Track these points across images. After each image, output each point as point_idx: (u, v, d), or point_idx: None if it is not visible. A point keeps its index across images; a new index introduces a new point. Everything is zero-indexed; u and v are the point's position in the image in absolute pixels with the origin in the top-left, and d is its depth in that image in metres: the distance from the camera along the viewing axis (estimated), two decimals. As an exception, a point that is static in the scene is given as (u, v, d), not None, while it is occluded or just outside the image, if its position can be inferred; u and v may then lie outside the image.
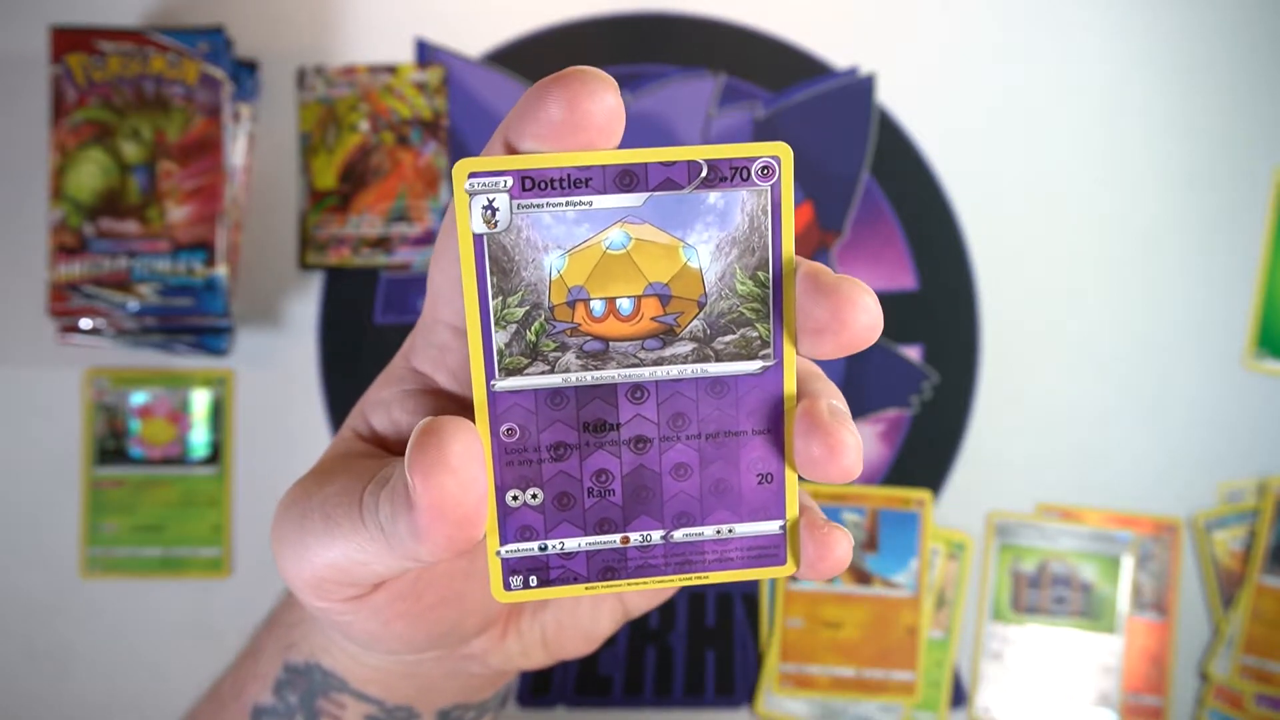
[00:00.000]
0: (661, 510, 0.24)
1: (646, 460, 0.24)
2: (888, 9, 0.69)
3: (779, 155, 0.22)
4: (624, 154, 0.21)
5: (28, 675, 0.65)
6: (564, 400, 0.23)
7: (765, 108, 0.69)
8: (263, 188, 0.67)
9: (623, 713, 0.67)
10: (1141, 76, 0.70)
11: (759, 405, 0.24)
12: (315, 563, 0.25)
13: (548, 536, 0.24)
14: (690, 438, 0.24)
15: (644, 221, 0.22)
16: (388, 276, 0.67)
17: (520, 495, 0.24)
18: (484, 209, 0.21)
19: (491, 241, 0.22)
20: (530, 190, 0.21)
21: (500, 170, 0.21)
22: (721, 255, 0.23)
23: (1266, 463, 0.68)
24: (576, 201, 0.21)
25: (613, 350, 0.23)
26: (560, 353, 0.23)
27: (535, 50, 0.68)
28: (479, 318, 0.22)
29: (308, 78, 0.67)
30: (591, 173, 0.21)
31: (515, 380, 0.23)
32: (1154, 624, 0.68)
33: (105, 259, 0.60)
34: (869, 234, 0.69)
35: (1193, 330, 0.69)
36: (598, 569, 0.24)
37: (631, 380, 0.23)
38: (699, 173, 0.22)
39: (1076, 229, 0.69)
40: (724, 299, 0.23)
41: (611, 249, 0.22)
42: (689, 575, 0.25)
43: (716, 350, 0.23)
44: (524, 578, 0.24)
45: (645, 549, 0.24)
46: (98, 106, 0.60)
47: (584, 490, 0.24)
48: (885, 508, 0.67)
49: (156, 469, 0.66)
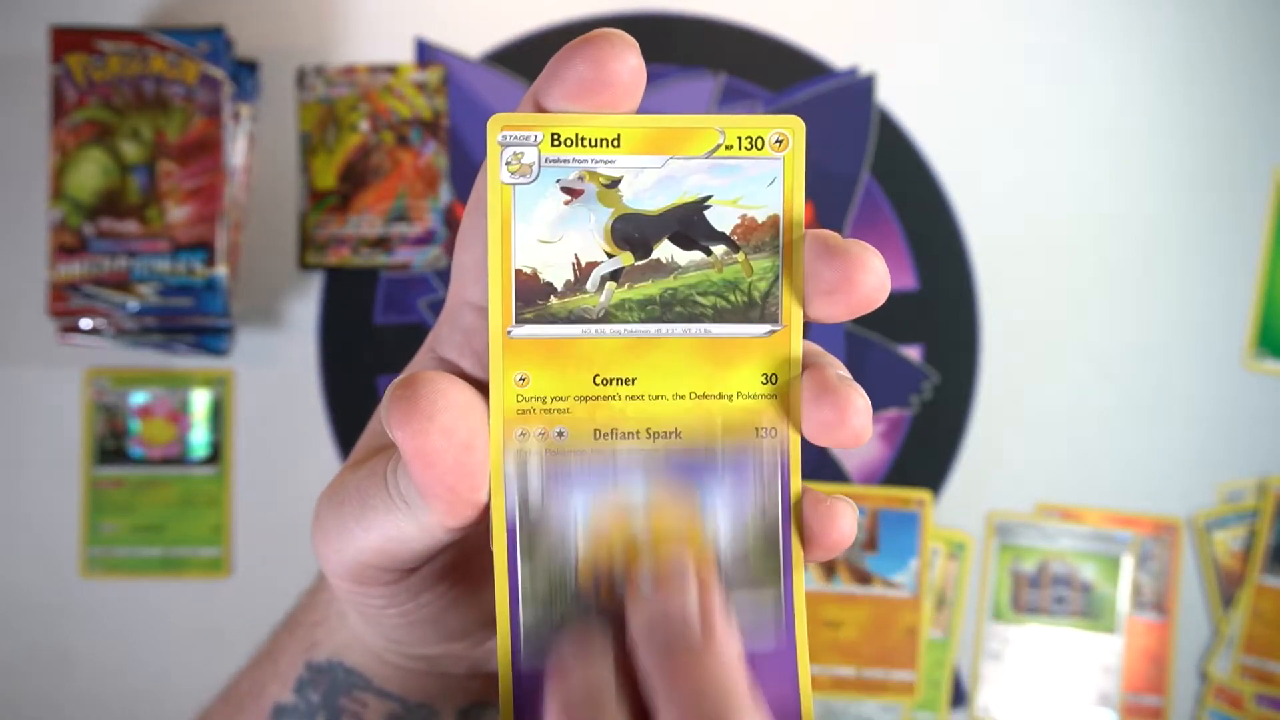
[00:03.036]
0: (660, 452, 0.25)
1: (653, 419, 0.25)
2: (888, 9, 0.69)
3: (793, 128, 0.23)
4: (648, 118, 0.23)
5: (28, 675, 0.65)
6: (576, 351, 0.24)
7: (765, 107, 0.69)
8: (263, 188, 0.67)
9: (623, 713, 0.67)
10: (1142, 77, 0.70)
11: (762, 367, 0.25)
12: (357, 546, 0.26)
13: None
14: (696, 397, 0.25)
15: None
16: (388, 276, 0.67)
17: (528, 438, 0.24)
18: (512, 159, 0.23)
19: (521, 194, 0.23)
20: (558, 145, 0.23)
21: (531, 127, 0.23)
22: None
23: (1266, 463, 0.68)
24: (601, 159, 0.23)
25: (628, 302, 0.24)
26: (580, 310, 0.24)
27: (535, 50, 0.68)
28: (500, 266, 0.23)
29: (308, 78, 0.67)
30: (618, 133, 0.23)
31: (532, 328, 0.24)
32: (1154, 624, 0.68)
33: (105, 259, 0.60)
34: (869, 234, 0.68)
35: (1193, 330, 0.69)
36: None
37: (644, 334, 0.24)
38: (717, 140, 0.23)
39: (1076, 229, 0.69)
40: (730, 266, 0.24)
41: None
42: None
43: (723, 310, 0.24)
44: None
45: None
46: (98, 106, 0.60)
47: (591, 444, 0.24)
48: (885, 508, 0.67)
49: (156, 469, 0.66)
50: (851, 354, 0.68)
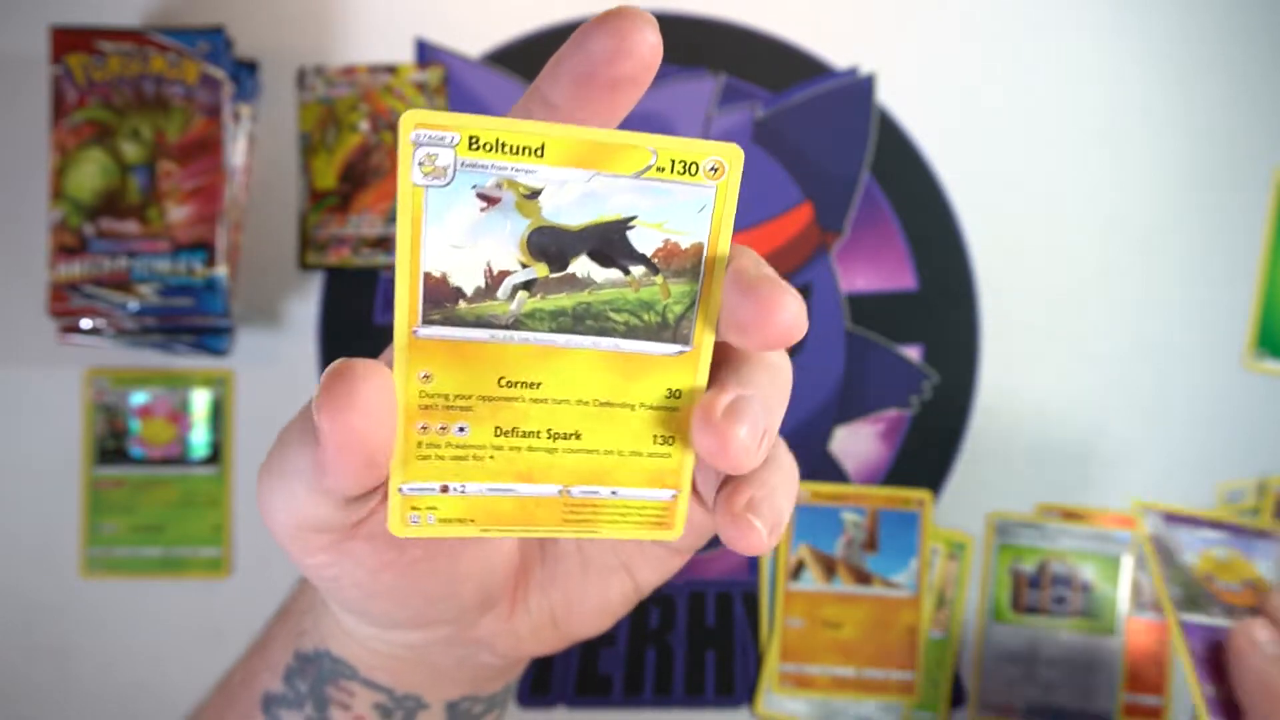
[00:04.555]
0: (562, 469, 0.26)
1: (555, 421, 0.25)
2: (888, 9, 0.69)
3: (730, 156, 0.22)
4: (577, 130, 0.22)
5: (28, 675, 0.65)
6: (483, 354, 0.24)
7: (765, 108, 0.69)
8: (263, 188, 0.67)
9: (623, 713, 0.67)
10: (1141, 76, 0.70)
11: (668, 382, 0.25)
12: (281, 511, 0.26)
13: (451, 479, 0.25)
14: (600, 404, 0.25)
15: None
16: (388, 276, 0.67)
17: (429, 431, 0.24)
18: (425, 160, 0.21)
19: (433, 197, 0.22)
20: (476, 149, 0.21)
21: (448, 127, 0.21)
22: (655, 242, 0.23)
23: (1266, 463, 0.68)
24: (522, 168, 0.22)
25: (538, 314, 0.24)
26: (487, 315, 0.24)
27: (535, 50, 0.68)
28: (408, 268, 0.23)
29: (308, 78, 0.67)
30: (542, 142, 0.21)
31: (438, 329, 0.23)
32: (1154, 624, 0.68)
33: (105, 259, 0.60)
34: (869, 234, 0.68)
35: (1193, 330, 0.69)
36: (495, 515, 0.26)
37: (552, 343, 0.24)
38: (648, 161, 0.22)
39: (1076, 229, 0.69)
40: (650, 285, 0.24)
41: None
42: (581, 530, 0.26)
43: (635, 327, 0.24)
44: (423, 513, 0.26)
45: (542, 501, 0.26)
46: (98, 106, 0.60)
47: (492, 440, 0.25)
48: (885, 508, 0.67)
49: (156, 469, 0.66)
50: (851, 354, 0.68)
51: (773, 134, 0.68)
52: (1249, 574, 0.64)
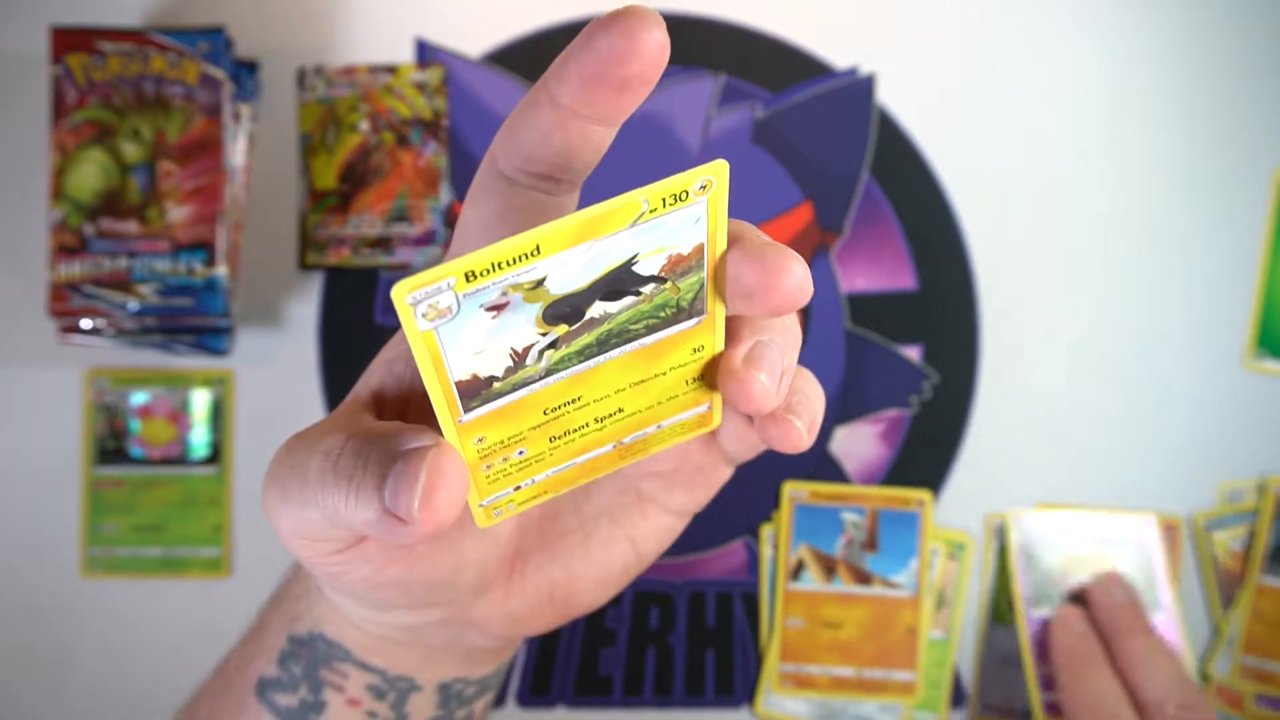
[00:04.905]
0: (613, 432, 0.28)
1: (599, 411, 0.26)
2: (888, 9, 0.69)
3: (716, 171, 0.22)
4: (566, 220, 0.21)
5: (28, 675, 0.65)
6: (525, 403, 0.25)
7: (765, 108, 0.69)
8: (263, 188, 0.67)
9: (623, 713, 0.67)
10: (1141, 76, 0.70)
11: (691, 344, 0.26)
12: (294, 530, 0.26)
13: (521, 481, 0.27)
14: (634, 384, 0.26)
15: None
16: (388, 276, 0.67)
17: (493, 468, 0.26)
18: (428, 310, 0.21)
19: (445, 333, 0.22)
20: (473, 279, 0.21)
21: (440, 278, 0.21)
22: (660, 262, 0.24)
23: (1266, 463, 0.68)
24: (522, 271, 0.22)
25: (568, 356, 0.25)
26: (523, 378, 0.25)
27: (535, 50, 0.68)
28: (439, 387, 0.23)
29: (308, 78, 0.67)
30: (536, 244, 0.21)
31: (480, 410, 0.24)
32: (1154, 624, 0.68)
33: (105, 259, 0.60)
34: (869, 234, 0.68)
35: (1193, 330, 0.69)
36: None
37: (584, 369, 0.25)
38: (640, 210, 0.22)
39: (1076, 229, 0.69)
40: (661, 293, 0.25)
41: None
42: (636, 458, 0.29)
43: (654, 325, 0.25)
44: (504, 508, 0.28)
45: (600, 457, 0.28)
46: (98, 106, 0.60)
47: (548, 446, 0.26)
48: (885, 508, 0.67)
49: (156, 469, 0.66)
50: (851, 354, 0.68)
51: (773, 134, 0.68)
52: (1104, 567, 0.65)
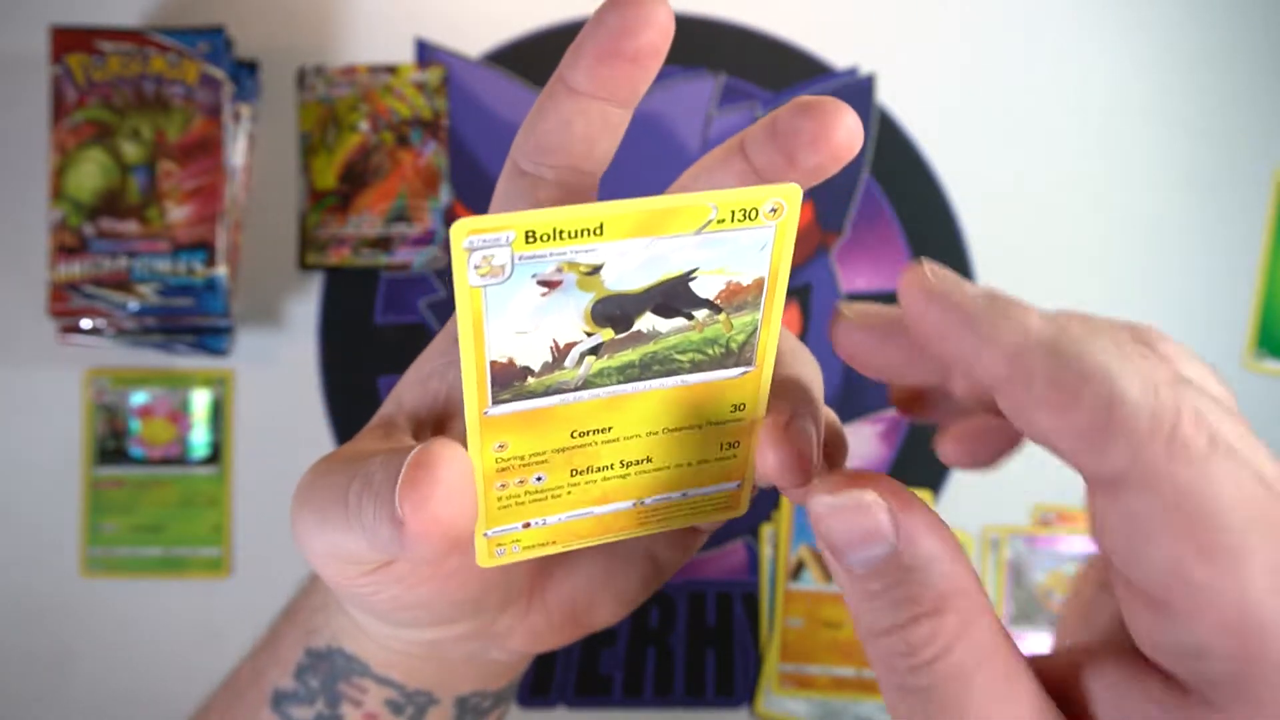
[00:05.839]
0: (636, 486, 0.26)
1: (627, 453, 0.25)
2: (888, 9, 0.69)
3: (789, 195, 0.22)
4: (634, 203, 0.21)
5: (28, 675, 0.65)
6: (554, 415, 0.24)
7: (765, 108, 0.69)
8: (263, 188, 0.67)
9: (623, 713, 0.67)
10: (1142, 77, 0.70)
11: (732, 399, 0.25)
12: (321, 544, 0.26)
13: (532, 518, 0.26)
14: (668, 431, 0.25)
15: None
16: (388, 276, 0.67)
17: (508, 488, 0.25)
18: (481, 263, 0.21)
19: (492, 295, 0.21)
20: (533, 242, 0.21)
21: (503, 228, 0.20)
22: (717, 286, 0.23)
23: (1266, 463, 0.68)
24: (581, 249, 0.21)
25: (605, 372, 0.24)
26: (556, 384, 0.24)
27: (535, 50, 0.68)
28: (474, 360, 0.22)
29: (308, 78, 0.67)
30: (600, 222, 0.21)
31: (509, 406, 0.23)
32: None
33: (105, 259, 0.60)
34: (869, 234, 0.68)
35: (1193, 330, 0.69)
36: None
37: (620, 393, 0.24)
38: (708, 216, 0.22)
39: (1076, 229, 0.69)
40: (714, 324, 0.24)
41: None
42: (654, 528, 0.27)
43: (700, 362, 0.24)
44: (508, 547, 0.26)
45: (618, 514, 0.26)
46: (98, 106, 0.60)
47: (568, 480, 0.25)
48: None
49: (156, 469, 0.66)
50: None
51: (773, 134, 0.68)
52: None
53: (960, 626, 0.21)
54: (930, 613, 0.21)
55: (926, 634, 0.21)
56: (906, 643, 0.21)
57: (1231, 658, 0.19)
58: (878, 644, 0.22)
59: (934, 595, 0.21)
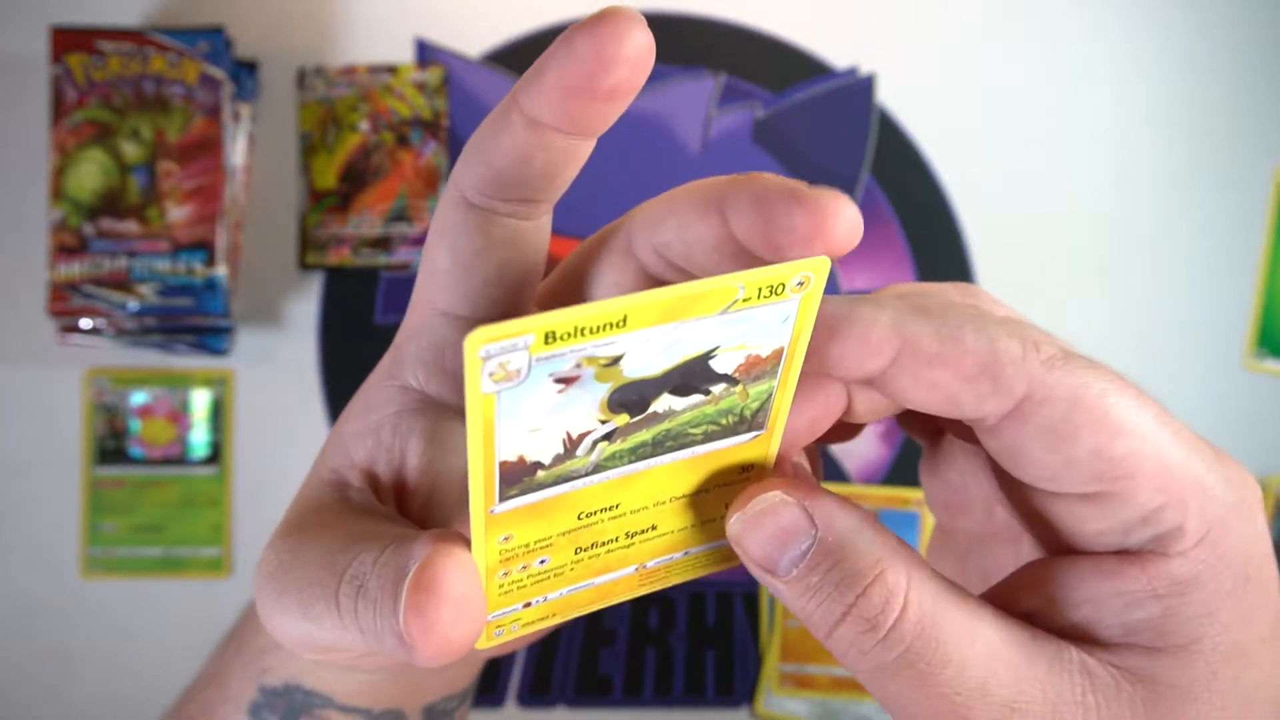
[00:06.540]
0: (639, 554, 0.25)
1: (632, 525, 0.24)
2: (888, 9, 0.69)
3: (818, 268, 0.21)
4: (659, 292, 0.20)
5: (28, 675, 0.65)
6: (562, 502, 0.23)
7: (765, 108, 0.69)
8: (263, 188, 0.67)
9: (623, 713, 0.67)
10: (1142, 77, 0.70)
11: (741, 460, 0.24)
12: (299, 634, 0.24)
13: (533, 597, 0.24)
14: (674, 499, 0.24)
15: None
16: (388, 276, 0.67)
17: (510, 575, 0.23)
18: (496, 370, 0.19)
19: (504, 399, 0.20)
20: (552, 342, 0.19)
21: (520, 333, 0.19)
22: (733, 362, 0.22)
23: (1266, 463, 0.68)
24: (602, 343, 0.20)
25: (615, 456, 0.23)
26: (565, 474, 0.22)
27: (535, 50, 0.68)
28: (482, 463, 0.21)
29: (308, 78, 0.67)
30: (624, 314, 0.20)
31: (516, 501, 0.22)
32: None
33: (105, 259, 0.60)
34: (869, 234, 0.68)
35: (1193, 330, 0.69)
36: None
37: (631, 472, 0.23)
38: (735, 297, 0.20)
39: (1076, 229, 0.69)
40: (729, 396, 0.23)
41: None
42: (654, 587, 0.26)
43: (713, 433, 0.23)
44: (507, 627, 0.25)
45: (619, 580, 0.25)
46: (98, 106, 0.60)
47: (571, 558, 0.24)
48: (885, 508, 0.67)
49: (156, 469, 0.66)
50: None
51: (773, 134, 0.68)
52: None
53: (907, 579, 0.22)
54: (875, 579, 0.22)
55: (879, 598, 0.21)
56: (865, 618, 0.21)
57: (1171, 507, 0.21)
58: (840, 635, 0.22)
59: (870, 561, 0.22)
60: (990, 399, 0.22)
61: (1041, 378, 0.21)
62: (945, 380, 0.22)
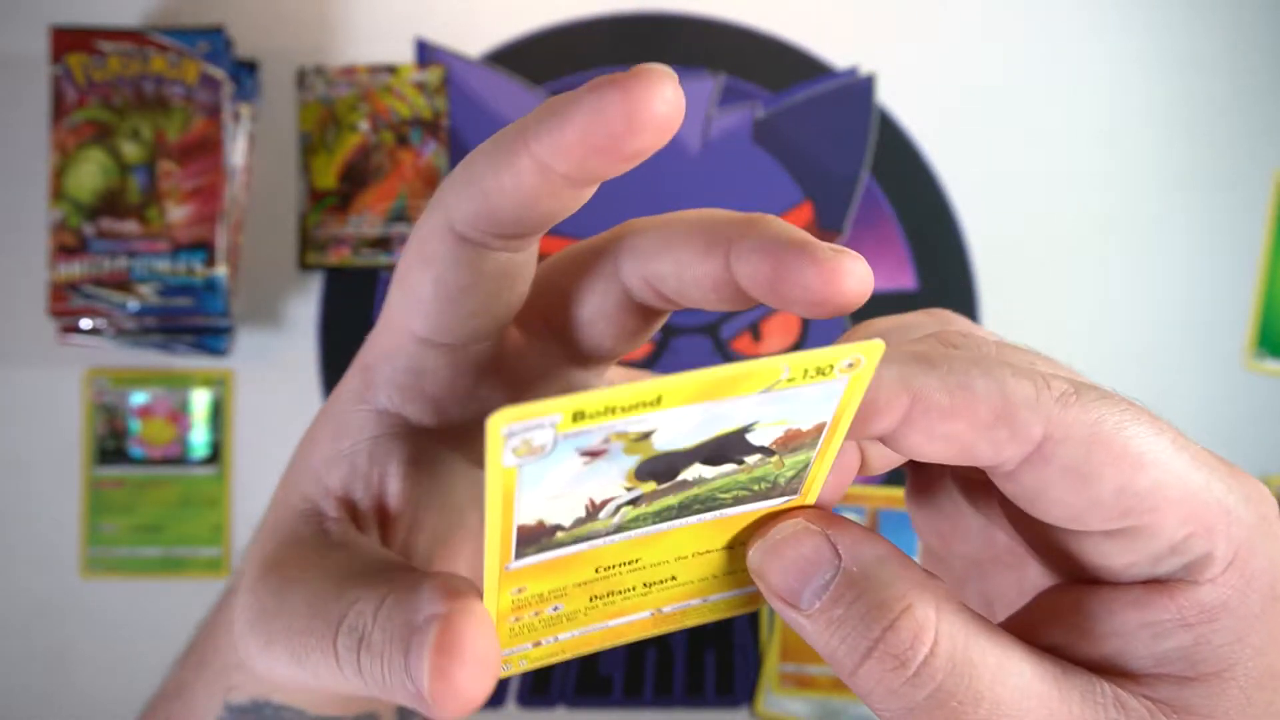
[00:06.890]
0: (655, 601, 0.24)
1: (650, 576, 0.23)
2: (888, 9, 0.69)
3: (869, 351, 0.20)
4: (698, 375, 0.19)
5: (28, 675, 0.65)
6: (580, 558, 0.22)
7: (765, 108, 0.69)
8: (263, 188, 0.67)
9: (623, 713, 0.67)
10: (1142, 77, 0.70)
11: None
12: (289, 678, 0.23)
13: (544, 637, 0.24)
14: (696, 554, 0.23)
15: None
16: (388, 276, 0.67)
17: (522, 619, 0.23)
18: (520, 446, 0.18)
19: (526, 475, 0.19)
20: (581, 420, 0.18)
21: (547, 413, 0.18)
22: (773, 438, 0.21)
23: (1266, 463, 0.68)
24: (633, 420, 0.19)
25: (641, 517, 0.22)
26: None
27: (535, 50, 0.68)
28: (499, 529, 0.20)
29: (308, 78, 0.67)
30: (659, 395, 0.19)
31: (533, 558, 0.21)
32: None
33: (105, 259, 0.60)
34: (869, 234, 0.68)
35: (1193, 330, 0.69)
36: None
37: (654, 532, 0.22)
38: (779, 377, 0.19)
39: (1076, 229, 0.69)
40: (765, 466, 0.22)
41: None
42: (670, 629, 0.25)
43: (743, 498, 0.22)
44: (515, 664, 0.24)
45: (633, 623, 0.25)
46: (98, 106, 0.60)
47: (585, 605, 0.23)
48: (885, 508, 0.67)
49: (156, 469, 0.66)
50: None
51: (773, 134, 0.68)
52: None
53: (936, 612, 0.21)
54: (902, 612, 0.21)
55: (909, 632, 0.20)
56: (892, 655, 0.20)
57: (1198, 535, 0.21)
58: (865, 672, 0.21)
59: (898, 593, 0.21)
60: (1008, 446, 0.21)
61: (1059, 417, 0.21)
62: (960, 432, 0.21)
